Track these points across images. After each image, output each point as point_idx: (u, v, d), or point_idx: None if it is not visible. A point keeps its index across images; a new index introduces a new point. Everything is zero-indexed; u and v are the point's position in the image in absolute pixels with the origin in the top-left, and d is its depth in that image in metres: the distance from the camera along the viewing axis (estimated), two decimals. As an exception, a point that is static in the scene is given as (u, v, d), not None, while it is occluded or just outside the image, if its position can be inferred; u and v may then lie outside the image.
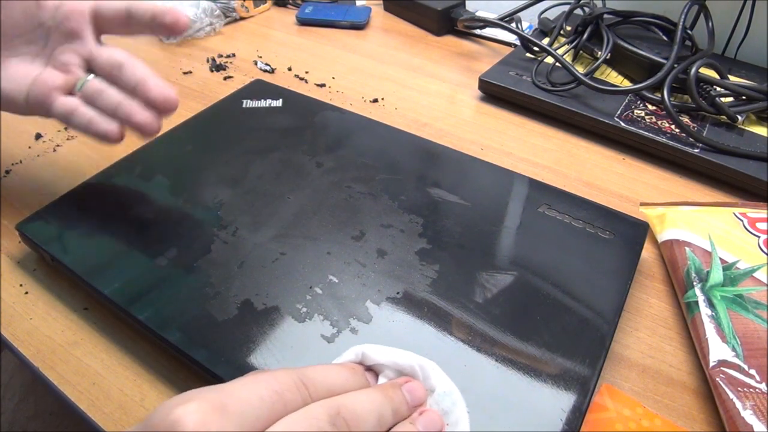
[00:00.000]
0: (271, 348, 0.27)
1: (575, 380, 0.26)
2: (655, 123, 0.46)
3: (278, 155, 0.40)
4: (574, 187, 0.42)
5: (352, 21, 0.65)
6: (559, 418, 0.25)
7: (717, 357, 0.28)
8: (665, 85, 0.45)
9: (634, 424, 0.26)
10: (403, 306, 0.29)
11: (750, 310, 0.30)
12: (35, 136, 0.46)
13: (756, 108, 0.45)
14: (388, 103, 0.52)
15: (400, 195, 0.36)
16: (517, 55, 0.55)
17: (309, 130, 0.43)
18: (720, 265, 0.32)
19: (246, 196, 0.36)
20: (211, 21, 0.63)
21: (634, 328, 0.32)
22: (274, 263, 0.32)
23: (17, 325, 0.32)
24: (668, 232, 0.36)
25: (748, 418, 0.25)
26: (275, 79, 0.55)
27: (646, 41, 0.51)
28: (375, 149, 0.41)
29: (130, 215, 0.35)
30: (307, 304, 0.29)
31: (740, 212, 0.36)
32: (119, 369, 0.30)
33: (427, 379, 0.24)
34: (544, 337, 0.28)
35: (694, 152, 0.43)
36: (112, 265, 0.32)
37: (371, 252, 0.32)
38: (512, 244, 0.33)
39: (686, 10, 0.47)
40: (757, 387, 0.27)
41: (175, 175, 0.38)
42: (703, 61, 0.46)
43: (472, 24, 0.61)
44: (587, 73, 0.49)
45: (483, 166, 0.40)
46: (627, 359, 0.31)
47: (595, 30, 0.53)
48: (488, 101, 0.52)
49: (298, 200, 0.36)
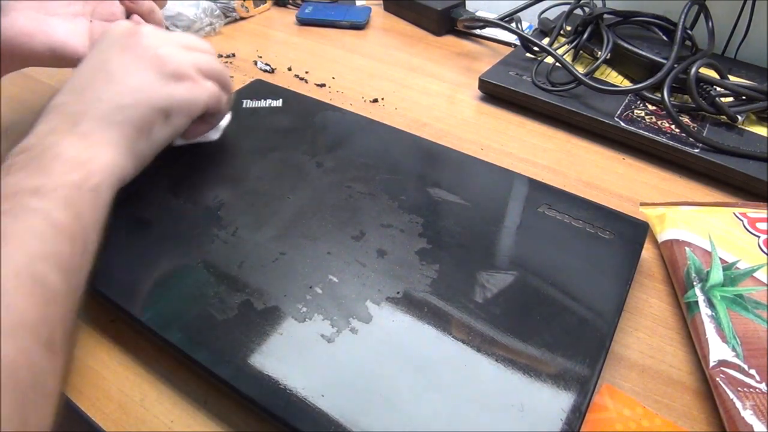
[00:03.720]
0: (271, 348, 0.27)
1: (575, 380, 0.26)
2: (655, 123, 0.46)
3: (278, 155, 0.40)
4: (574, 187, 0.42)
5: (352, 21, 0.65)
6: (559, 418, 0.25)
7: (717, 357, 0.28)
8: (665, 85, 0.45)
9: (634, 424, 0.26)
10: (403, 306, 0.29)
11: (750, 310, 0.30)
12: (35, 136, 0.46)
13: (756, 108, 0.45)
14: (388, 103, 0.52)
15: (400, 195, 0.36)
16: (517, 55, 0.55)
17: (309, 130, 0.43)
18: (720, 265, 0.32)
19: (246, 196, 0.36)
20: (211, 21, 0.63)
21: (634, 328, 0.32)
22: (274, 263, 0.32)
23: (17, 325, 0.32)
24: (668, 232, 0.36)
25: (748, 418, 0.25)
26: (275, 79, 0.55)
27: (646, 41, 0.51)
28: (375, 149, 0.41)
29: (129, 215, 0.35)
30: (307, 304, 0.29)
31: (740, 212, 0.36)
32: (119, 369, 0.30)
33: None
34: (544, 337, 0.28)
35: (694, 152, 0.43)
36: (112, 265, 0.32)
37: (371, 252, 0.32)
38: (512, 244, 0.33)
39: (686, 10, 0.47)
40: (757, 387, 0.27)
41: (176, 174, 0.38)
42: (703, 61, 0.46)
43: (472, 24, 0.61)
44: (587, 73, 0.49)
45: (483, 166, 0.40)
46: (627, 359, 0.31)
47: (595, 30, 0.53)
48: (488, 101, 0.52)
49: (298, 200, 0.36)
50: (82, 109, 0.30)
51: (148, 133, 0.32)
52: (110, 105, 0.31)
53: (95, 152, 0.29)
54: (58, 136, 0.29)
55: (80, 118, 0.30)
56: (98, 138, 0.29)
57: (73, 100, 0.31)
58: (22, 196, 0.25)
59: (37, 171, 0.27)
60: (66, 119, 0.30)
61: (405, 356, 0.27)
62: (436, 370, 0.27)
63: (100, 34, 0.40)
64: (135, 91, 0.32)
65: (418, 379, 0.26)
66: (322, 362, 0.27)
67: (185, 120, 0.35)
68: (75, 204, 0.26)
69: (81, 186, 0.27)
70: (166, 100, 0.33)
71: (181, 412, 0.28)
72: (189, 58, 0.35)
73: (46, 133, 0.29)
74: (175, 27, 0.60)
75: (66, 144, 0.28)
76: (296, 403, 0.25)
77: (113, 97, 0.31)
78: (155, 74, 0.33)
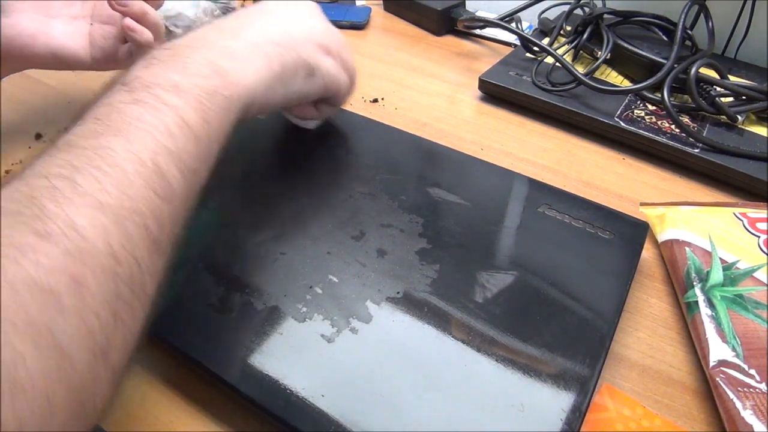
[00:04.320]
0: (271, 348, 0.27)
1: (575, 380, 0.26)
2: (655, 123, 0.46)
3: (278, 155, 0.40)
4: (574, 187, 0.42)
5: (352, 21, 0.65)
6: (559, 418, 0.25)
7: (717, 357, 0.28)
8: (665, 85, 0.45)
9: (634, 424, 0.26)
10: (403, 306, 0.29)
11: (750, 310, 0.30)
12: (35, 136, 0.46)
13: (756, 108, 0.45)
14: (388, 103, 0.52)
15: (400, 195, 0.36)
16: (517, 55, 0.55)
17: (309, 130, 0.43)
18: (720, 265, 0.32)
19: (246, 196, 0.36)
20: (211, 21, 0.63)
21: (634, 328, 0.32)
22: (274, 263, 0.32)
23: (17, 325, 0.32)
24: (668, 232, 0.36)
25: (748, 418, 0.25)
26: (275, 79, 0.55)
27: (646, 41, 0.51)
28: (375, 149, 0.41)
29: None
30: (307, 304, 0.29)
31: (740, 212, 0.36)
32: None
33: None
34: (544, 337, 0.28)
35: (694, 152, 0.43)
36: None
37: (371, 252, 0.32)
38: (512, 244, 0.33)
39: (686, 10, 0.47)
40: (757, 387, 0.27)
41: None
42: (703, 61, 0.46)
43: (472, 24, 0.61)
44: (587, 73, 0.49)
45: (483, 166, 0.40)
46: (627, 359, 0.31)
47: (595, 30, 0.53)
48: (488, 101, 0.52)
49: (298, 200, 0.36)
50: (237, 30, 0.31)
51: (288, 80, 0.32)
52: (265, 37, 0.31)
53: (237, 67, 0.29)
54: (205, 45, 0.29)
55: (233, 36, 0.30)
56: (245, 58, 0.29)
57: (229, 25, 0.31)
58: (159, 89, 0.25)
59: (177, 68, 0.26)
60: (218, 34, 0.30)
61: (405, 356, 0.27)
62: (436, 370, 0.27)
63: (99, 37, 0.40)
64: (291, 37, 0.32)
65: (418, 379, 0.26)
66: (322, 362, 0.27)
67: (320, 89, 0.35)
68: (206, 109, 0.26)
69: (214, 93, 0.27)
70: (314, 61, 0.33)
71: (181, 413, 0.28)
72: (340, 41, 0.36)
73: (194, 38, 0.29)
74: (176, 27, 0.60)
75: (213, 53, 0.28)
76: (296, 403, 0.25)
77: (270, 32, 0.32)
78: (309, 37, 0.33)
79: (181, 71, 0.26)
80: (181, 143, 0.24)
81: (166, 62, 0.27)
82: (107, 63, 0.41)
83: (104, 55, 0.40)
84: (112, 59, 0.40)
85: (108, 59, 0.40)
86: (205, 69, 0.27)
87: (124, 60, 0.41)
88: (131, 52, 0.40)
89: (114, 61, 0.41)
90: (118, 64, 0.41)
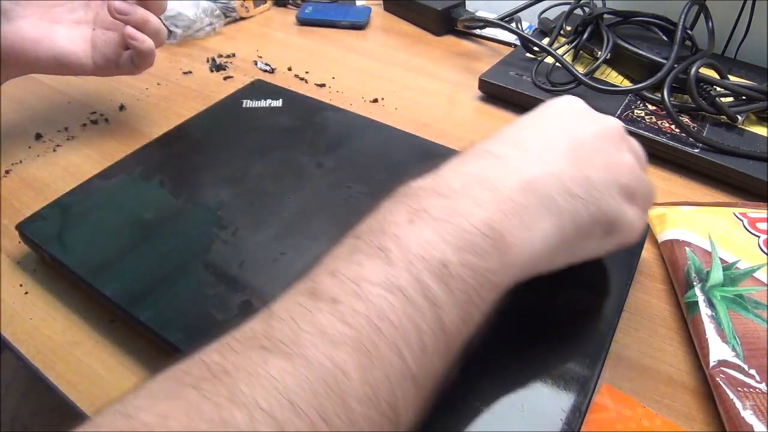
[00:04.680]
0: (271, 348, 0.27)
1: (575, 380, 0.26)
2: (655, 123, 0.46)
3: (278, 155, 0.40)
4: (574, 187, 0.42)
5: (352, 21, 0.65)
6: (559, 418, 0.25)
7: (717, 357, 0.28)
8: (665, 85, 0.45)
9: (634, 424, 0.26)
10: (403, 306, 0.29)
11: (750, 310, 0.30)
12: (35, 136, 0.46)
13: (756, 108, 0.45)
14: (388, 103, 0.52)
15: (400, 195, 0.36)
16: (517, 55, 0.55)
17: (309, 130, 0.43)
18: (720, 265, 0.32)
19: (246, 196, 0.36)
20: (211, 21, 0.63)
21: (634, 328, 0.32)
22: (274, 263, 0.32)
23: (17, 325, 0.32)
24: (668, 232, 0.36)
25: (748, 418, 0.25)
26: (275, 79, 0.55)
27: (646, 41, 0.51)
28: (375, 149, 0.41)
29: (130, 215, 0.35)
30: (307, 304, 0.29)
31: (740, 212, 0.36)
32: (119, 369, 0.30)
33: None
34: (543, 337, 0.28)
35: (694, 152, 0.43)
36: (113, 265, 0.32)
37: (371, 252, 0.32)
38: (512, 244, 0.33)
39: (686, 10, 0.47)
40: (757, 387, 0.27)
41: (176, 175, 0.38)
42: (703, 61, 0.46)
43: (472, 24, 0.61)
44: (587, 73, 0.49)
45: (483, 166, 0.40)
46: (627, 359, 0.31)
47: (595, 30, 0.53)
48: (488, 101, 0.52)
49: (298, 200, 0.36)
50: (520, 168, 0.23)
51: (578, 244, 0.25)
52: (559, 186, 0.23)
53: (519, 234, 0.22)
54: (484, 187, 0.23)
55: (514, 181, 0.23)
56: (530, 214, 0.22)
57: (516, 155, 0.24)
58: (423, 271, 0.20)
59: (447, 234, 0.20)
60: (500, 167, 0.23)
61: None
62: (436, 370, 0.26)
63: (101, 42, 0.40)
64: (590, 183, 0.24)
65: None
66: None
67: (612, 249, 0.27)
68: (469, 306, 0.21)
69: (484, 277, 0.21)
70: (616, 214, 0.25)
71: (181, 412, 0.28)
72: (647, 180, 0.27)
73: (467, 173, 0.23)
74: (175, 27, 0.60)
75: (493, 207, 0.22)
76: (296, 403, 0.25)
77: (565, 175, 0.23)
78: (614, 178, 0.25)
79: (452, 238, 0.20)
80: (424, 360, 0.19)
81: (438, 221, 0.21)
82: (109, 68, 0.41)
83: (106, 61, 0.40)
84: (114, 65, 0.41)
85: (110, 65, 0.41)
86: (480, 241, 0.21)
87: (125, 66, 0.41)
88: (132, 59, 0.40)
89: (116, 66, 0.41)
90: (120, 69, 0.41)
